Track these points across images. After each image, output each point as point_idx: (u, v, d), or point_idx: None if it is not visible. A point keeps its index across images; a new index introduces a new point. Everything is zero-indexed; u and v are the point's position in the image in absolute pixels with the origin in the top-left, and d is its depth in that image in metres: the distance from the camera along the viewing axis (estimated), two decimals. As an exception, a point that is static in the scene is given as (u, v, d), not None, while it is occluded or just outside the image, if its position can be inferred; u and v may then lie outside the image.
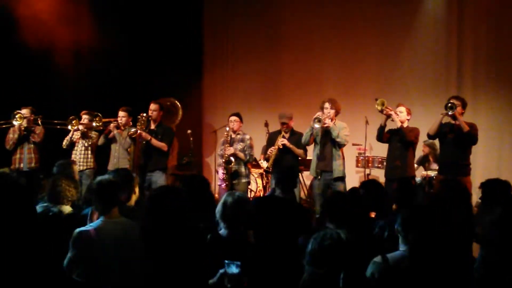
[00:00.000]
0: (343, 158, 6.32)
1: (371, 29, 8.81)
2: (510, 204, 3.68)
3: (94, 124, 6.74)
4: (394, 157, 6.30)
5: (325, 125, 6.15)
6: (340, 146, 6.24)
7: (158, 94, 7.97)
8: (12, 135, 6.82)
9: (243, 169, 6.67)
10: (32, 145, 6.85)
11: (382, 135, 6.35)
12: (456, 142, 5.93)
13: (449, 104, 5.82)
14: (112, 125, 6.74)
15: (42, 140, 6.91)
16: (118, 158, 6.71)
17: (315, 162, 6.32)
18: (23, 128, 6.76)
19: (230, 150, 6.59)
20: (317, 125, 6.14)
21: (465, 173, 5.87)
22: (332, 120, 6.26)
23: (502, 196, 3.99)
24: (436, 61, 8.35)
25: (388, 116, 6.27)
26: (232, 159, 6.56)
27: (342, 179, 6.26)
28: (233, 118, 6.76)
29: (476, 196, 5.39)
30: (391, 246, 3.06)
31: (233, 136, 6.73)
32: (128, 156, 6.66)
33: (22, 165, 6.78)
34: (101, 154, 6.97)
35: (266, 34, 9.76)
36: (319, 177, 6.25)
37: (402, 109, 6.38)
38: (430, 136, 6.22)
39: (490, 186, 4.11)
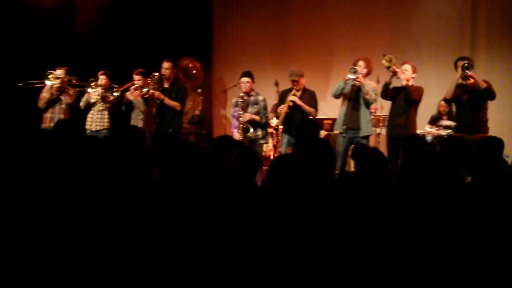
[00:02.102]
0: (370, 116, 6.40)
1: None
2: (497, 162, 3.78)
3: (114, 94, 6.81)
4: (397, 115, 6.32)
5: (358, 79, 6.13)
6: (368, 103, 6.26)
7: (167, 53, 7.93)
8: (46, 94, 6.92)
9: (260, 133, 6.61)
10: (63, 106, 6.95)
11: (387, 92, 6.35)
12: (472, 102, 5.96)
13: (466, 65, 5.81)
14: (129, 91, 6.80)
15: (74, 101, 7.00)
16: (134, 119, 6.84)
17: (342, 118, 6.33)
18: (56, 89, 6.83)
19: (246, 116, 6.50)
20: (351, 76, 6.11)
21: (483, 130, 5.92)
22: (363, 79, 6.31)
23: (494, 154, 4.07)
24: (450, 20, 8.25)
25: (394, 74, 6.26)
26: (250, 128, 6.48)
27: (367, 137, 6.33)
28: (245, 79, 6.59)
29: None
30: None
31: (246, 98, 6.62)
32: (142, 115, 6.75)
33: (52, 124, 6.86)
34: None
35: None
36: (344, 134, 6.29)
37: (407, 67, 6.35)
38: (447, 101, 6.22)
39: (485, 144, 4.19)
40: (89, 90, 6.89)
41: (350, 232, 2.82)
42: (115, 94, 6.82)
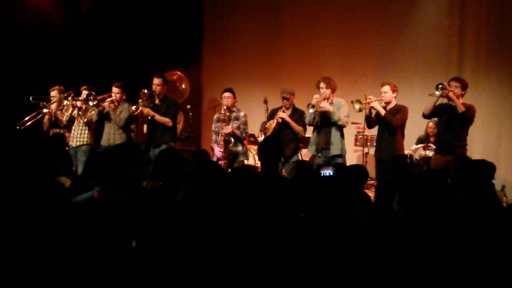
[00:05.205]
0: (342, 136, 6.40)
1: (373, 7, 8.80)
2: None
3: (90, 103, 6.69)
4: (383, 138, 6.37)
5: (321, 109, 6.24)
6: (341, 128, 6.32)
7: (157, 69, 7.97)
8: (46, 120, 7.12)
9: (240, 148, 6.68)
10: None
11: (371, 123, 6.46)
12: (450, 122, 6.00)
13: (440, 86, 5.88)
14: (106, 102, 6.67)
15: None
16: (111, 134, 6.69)
17: (315, 140, 6.40)
18: (53, 114, 7.02)
19: (228, 129, 6.57)
20: (311, 110, 6.29)
21: (459, 152, 5.92)
22: (329, 98, 6.32)
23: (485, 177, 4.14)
24: (437, 42, 8.36)
25: (371, 108, 6.33)
26: (232, 139, 6.56)
27: (341, 156, 6.35)
28: (226, 94, 6.67)
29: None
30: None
31: (228, 113, 6.66)
32: (121, 132, 6.65)
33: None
34: (95, 130, 6.96)
35: (267, 9, 9.71)
36: (319, 154, 6.36)
37: (386, 88, 6.35)
38: (424, 116, 6.26)
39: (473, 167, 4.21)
40: (65, 102, 6.88)
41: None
42: (90, 103, 6.67)
